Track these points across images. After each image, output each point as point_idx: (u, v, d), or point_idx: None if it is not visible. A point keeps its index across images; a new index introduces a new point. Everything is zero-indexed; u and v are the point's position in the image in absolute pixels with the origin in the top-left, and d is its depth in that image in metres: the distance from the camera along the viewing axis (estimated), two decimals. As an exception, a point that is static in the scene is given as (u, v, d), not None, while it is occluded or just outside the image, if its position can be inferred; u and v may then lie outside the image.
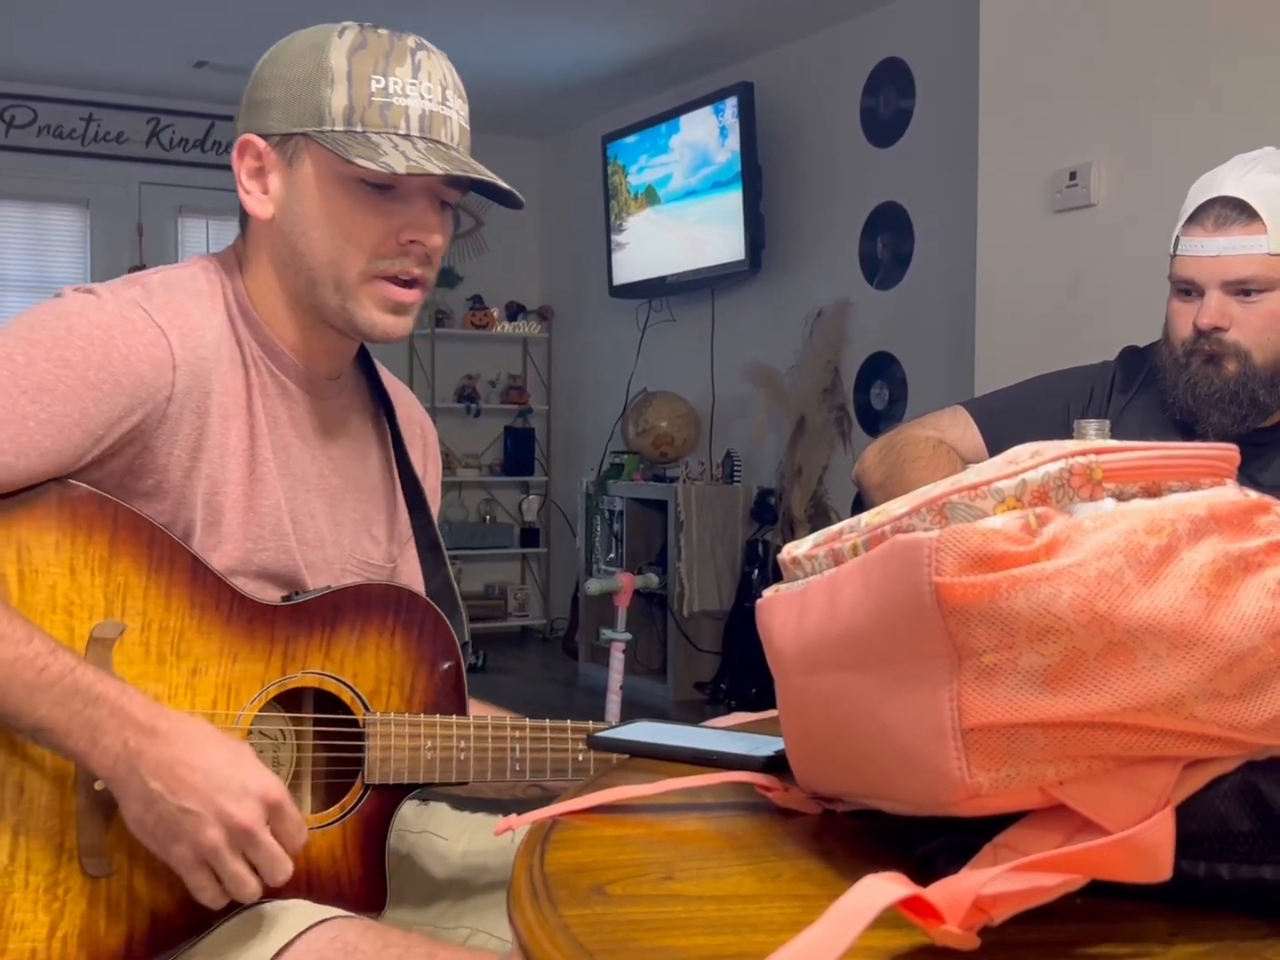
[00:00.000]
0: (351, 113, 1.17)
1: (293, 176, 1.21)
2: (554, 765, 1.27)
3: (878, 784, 0.71)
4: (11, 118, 6.13)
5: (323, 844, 1.19)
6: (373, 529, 1.35)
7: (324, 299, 1.22)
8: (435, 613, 1.27)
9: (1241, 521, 0.63)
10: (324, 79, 1.18)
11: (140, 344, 1.13)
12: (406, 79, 1.19)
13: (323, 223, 1.20)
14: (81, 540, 1.10)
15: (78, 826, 1.08)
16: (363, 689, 1.21)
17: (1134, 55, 3.08)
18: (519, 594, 6.98)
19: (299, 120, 1.19)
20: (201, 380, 1.17)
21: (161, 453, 1.15)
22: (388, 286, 1.21)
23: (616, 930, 0.65)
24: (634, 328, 6.28)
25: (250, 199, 1.23)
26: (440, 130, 1.20)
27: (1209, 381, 1.62)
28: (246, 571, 1.21)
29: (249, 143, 1.22)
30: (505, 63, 5.73)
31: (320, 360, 1.28)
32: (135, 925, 1.10)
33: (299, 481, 1.26)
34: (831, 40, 5.19)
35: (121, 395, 1.11)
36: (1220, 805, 0.63)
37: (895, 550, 0.64)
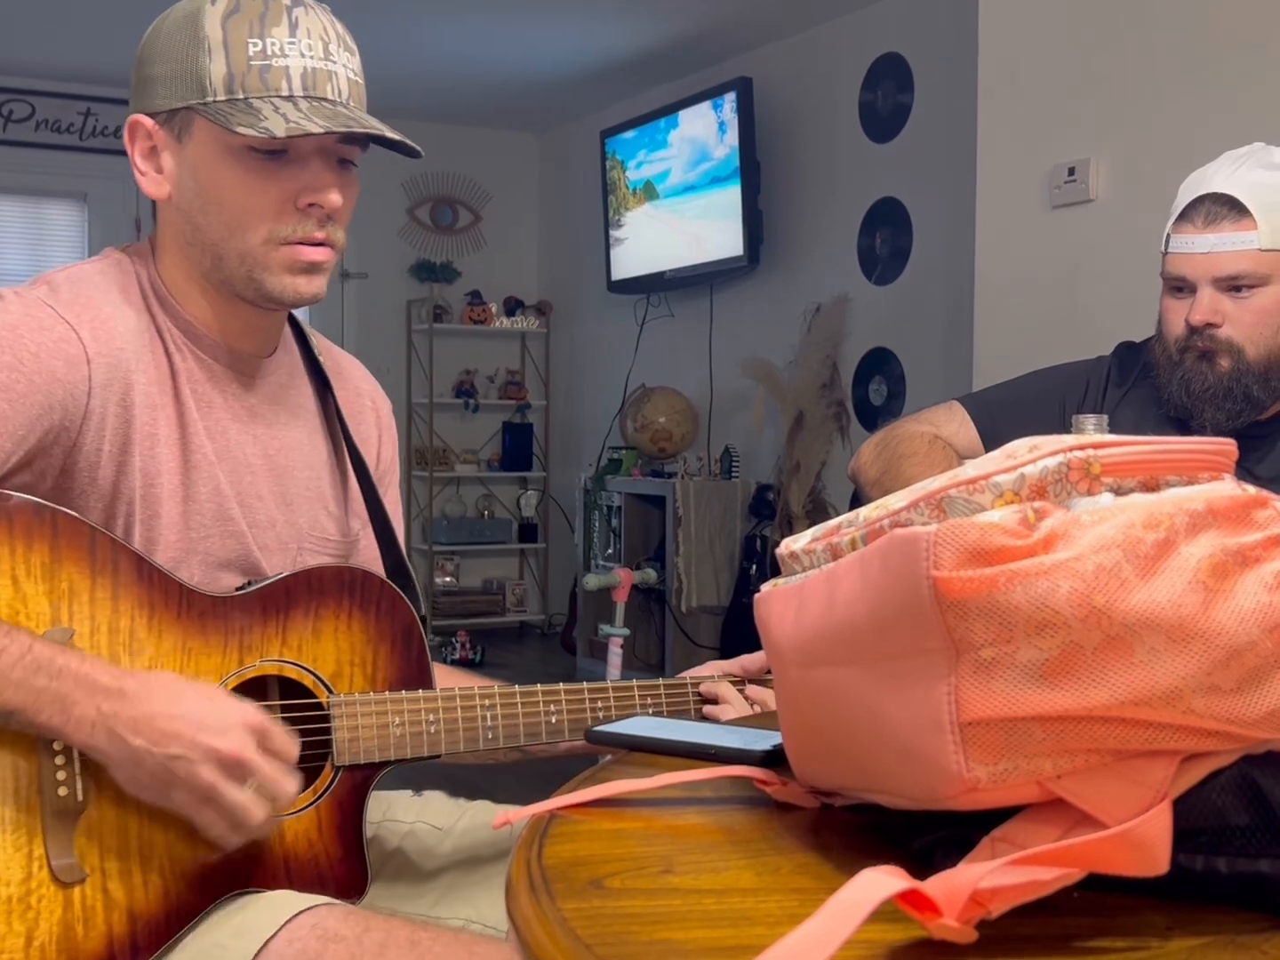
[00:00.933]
0: (232, 80, 1.15)
1: (183, 153, 1.19)
2: (527, 730, 1.27)
3: (876, 778, 0.71)
4: (9, 112, 6.13)
5: (299, 829, 1.19)
6: (328, 505, 1.34)
7: (230, 272, 1.20)
8: (391, 590, 1.26)
9: (1239, 516, 0.63)
10: (201, 49, 1.16)
11: (49, 340, 1.11)
12: (284, 38, 1.16)
13: (218, 196, 1.18)
14: (21, 549, 1.08)
15: (44, 834, 1.07)
16: (324, 672, 1.21)
17: (1133, 51, 3.08)
18: (517, 589, 6.98)
19: (182, 94, 1.17)
20: (120, 372, 1.15)
21: (90, 449, 1.14)
22: (294, 249, 1.19)
23: (614, 923, 0.65)
24: (632, 323, 6.28)
25: (146, 180, 1.22)
26: (325, 86, 1.17)
27: (1203, 378, 1.63)
28: (192, 561, 1.20)
29: (138, 123, 1.20)
30: (503, 57, 5.72)
31: (244, 338, 1.26)
32: (114, 928, 1.09)
33: (241, 464, 1.25)
34: (830, 35, 5.19)
35: (36, 394, 1.10)
36: (1218, 799, 0.64)
37: (893, 544, 0.65)
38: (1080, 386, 1.76)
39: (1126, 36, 3.09)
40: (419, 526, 6.78)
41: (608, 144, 6.17)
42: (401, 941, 1.08)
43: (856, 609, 0.68)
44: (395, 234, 6.80)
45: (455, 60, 5.73)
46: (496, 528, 6.95)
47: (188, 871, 1.13)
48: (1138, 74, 3.07)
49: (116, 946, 1.09)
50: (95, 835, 1.09)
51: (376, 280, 6.68)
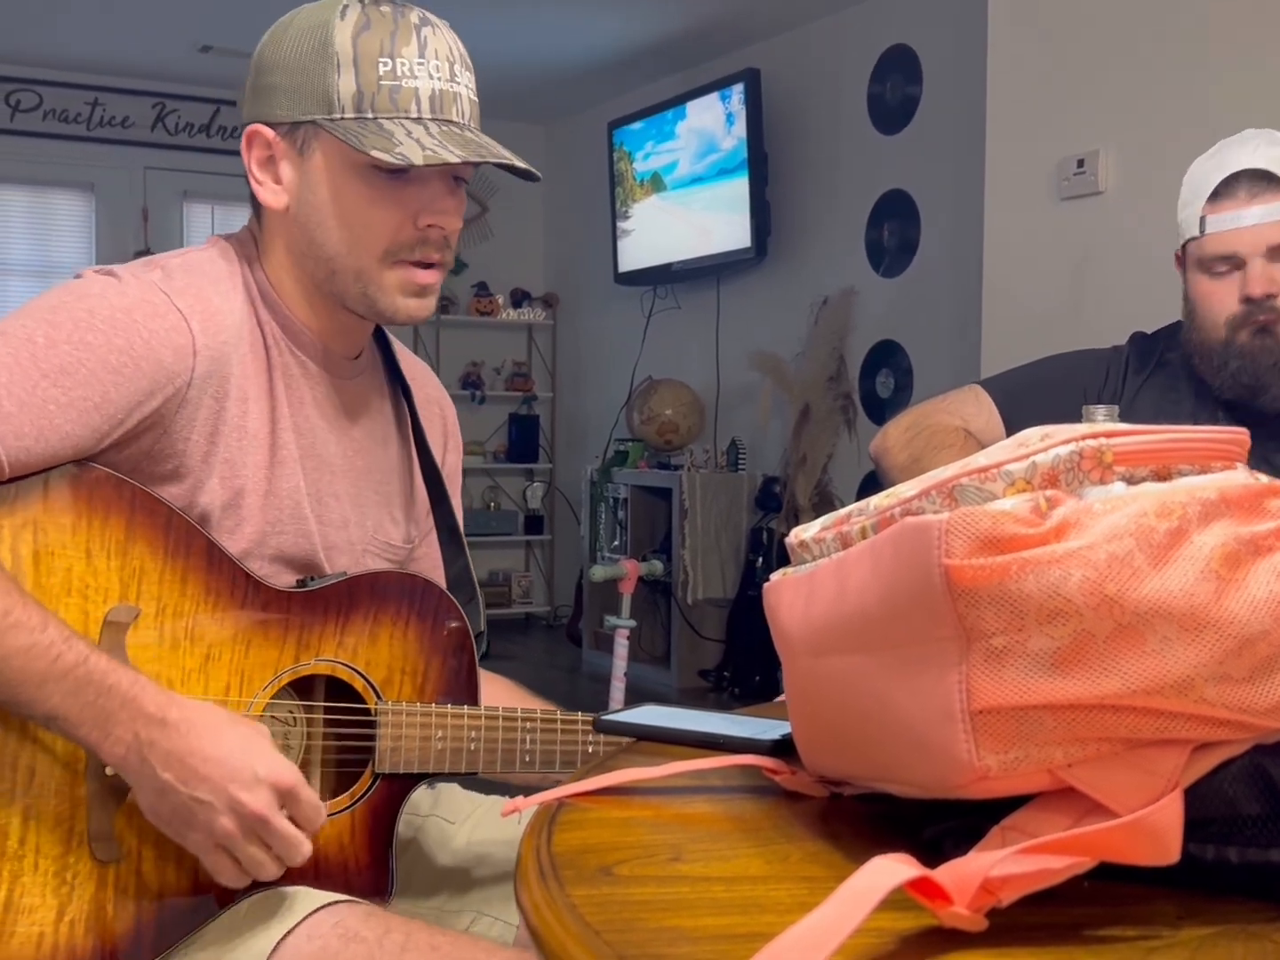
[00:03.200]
0: (361, 98, 1.15)
1: (304, 166, 1.19)
2: (564, 757, 1.27)
3: (885, 767, 0.71)
4: (17, 102, 6.13)
5: (331, 832, 1.19)
6: (394, 510, 1.35)
7: (345, 287, 1.21)
8: (450, 602, 1.27)
9: (1252, 505, 0.63)
10: (329, 63, 1.16)
11: (162, 328, 1.12)
12: (414, 58, 1.16)
13: (338, 212, 1.18)
14: (98, 523, 1.10)
15: (88, 812, 1.08)
16: (375, 677, 1.21)
17: (1142, 42, 3.07)
18: (523, 581, 6.99)
19: (307, 108, 1.17)
20: (221, 365, 1.16)
21: (179, 437, 1.15)
22: (409, 270, 1.20)
23: (624, 910, 0.65)
24: (639, 315, 6.27)
25: (263, 190, 1.21)
26: (451, 109, 1.18)
27: (1269, 352, 1.62)
28: (262, 554, 1.20)
29: (257, 132, 1.20)
30: (511, 48, 5.71)
31: (339, 340, 1.27)
32: (143, 911, 1.10)
33: (323, 463, 1.26)
34: (838, 26, 5.18)
35: (142, 379, 1.11)
36: (1229, 788, 0.63)
37: (905, 533, 0.64)
38: (1101, 372, 1.76)
39: (1135, 28, 3.08)
40: (425, 518, 6.78)
41: (615, 135, 6.16)
42: (422, 944, 1.08)
43: (867, 597, 0.68)
44: (402, 225, 6.79)
45: (463, 51, 5.72)
46: (503, 519, 6.96)
47: None
48: (1147, 66, 3.06)
49: (143, 929, 1.10)
50: (136, 817, 1.09)
51: (383, 271, 6.68)
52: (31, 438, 1.06)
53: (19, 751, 1.06)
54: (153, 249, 6.00)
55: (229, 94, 6.38)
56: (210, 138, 6.49)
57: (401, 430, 1.38)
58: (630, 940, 0.61)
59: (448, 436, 1.45)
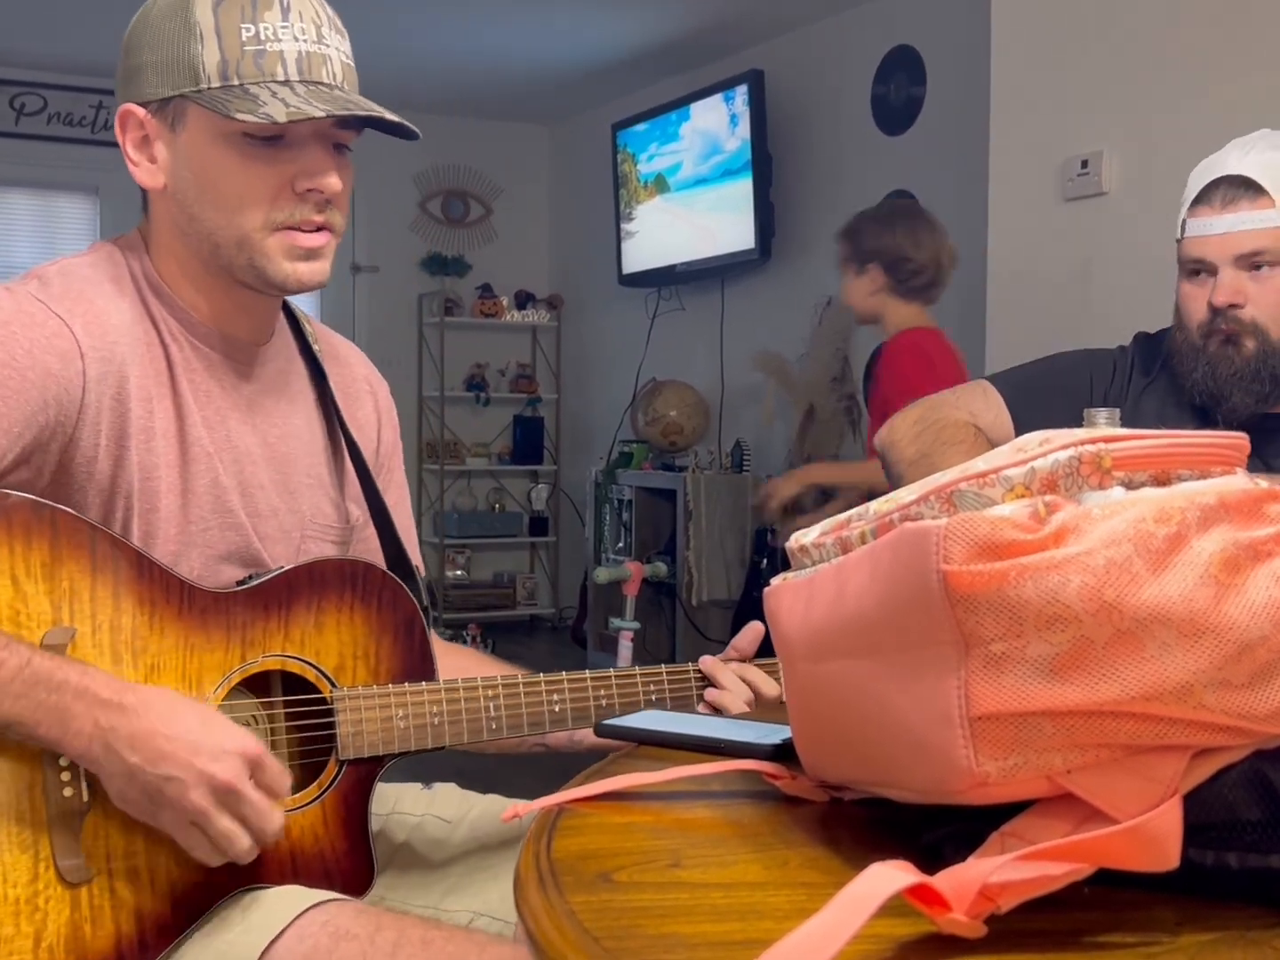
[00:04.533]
0: (225, 66, 1.14)
1: (177, 141, 1.19)
2: (530, 719, 1.26)
3: (885, 772, 0.71)
4: (21, 105, 6.14)
5: (304, 824, 1.19)
6: (329, 491, 1.33)
7: (230, 259, 1.19)
8: (393, 581, 1.25)
9: (1251, 510, 0.63)
10: (192, 36, 1.15)
11: (42, 336, 1.10)
12: (277, 22, 1.15)
13: (215, 183, 1.17)
14: (20, 548, 1.07)
15: (50, 835, 1.07)
16: (327, 666, 1.20)
17: (1146, 43, 3.06)
18: (528, 583, 6.99)
19: (174, 83, 1.16)
20: (114, 365, 1.14)
21: (87, 445, 1.13)
22: (293, 234, 1.18)
23: (623, 917, 0.65)
24: (643, 316, 6.27)
25: (139, 170, 1.21)
26: (321, 70, 1.16)
27: (1229, 361, 1.62)
28: (195, 554, 1.19)
29: (129, 112, 1.20)
30: (515, 49, 5.71)
31: (239, 325, 1.25)
32: (122, 927, 1.09)
33: (241, 454, 1.24)
34: (842, 27, 5.17)
35: (31, 390, 1.09)
36: (1228, 794, 0.63)
37: (903, 538, 0.64)
38: (1108, 371, 1.76)
39: (1140, 29, 3.08)
40: (430, 520, 6.79)
41: (619, 137, 6.16)
42: (414, 940, 1.07)
43: (866, 602, 0.68)
44: (406, 227, 6.80)
45: (466, 53, 5.73)
46: (507, 521, 6.96)
47: (194, 869, 1.12)
48: (1151, 66, 3.05)
49: (125, 945, 1.09)
50: (101, 835, 1.08)
51: (387, 274, 6.68)
52: None
53: None
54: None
55: (233, 96, 6.39)
56: (215, 140, 6.50)
57: (325, 411, 1.36)
58: (629, 947, 0.61)
59: (380, 413, 1.43)
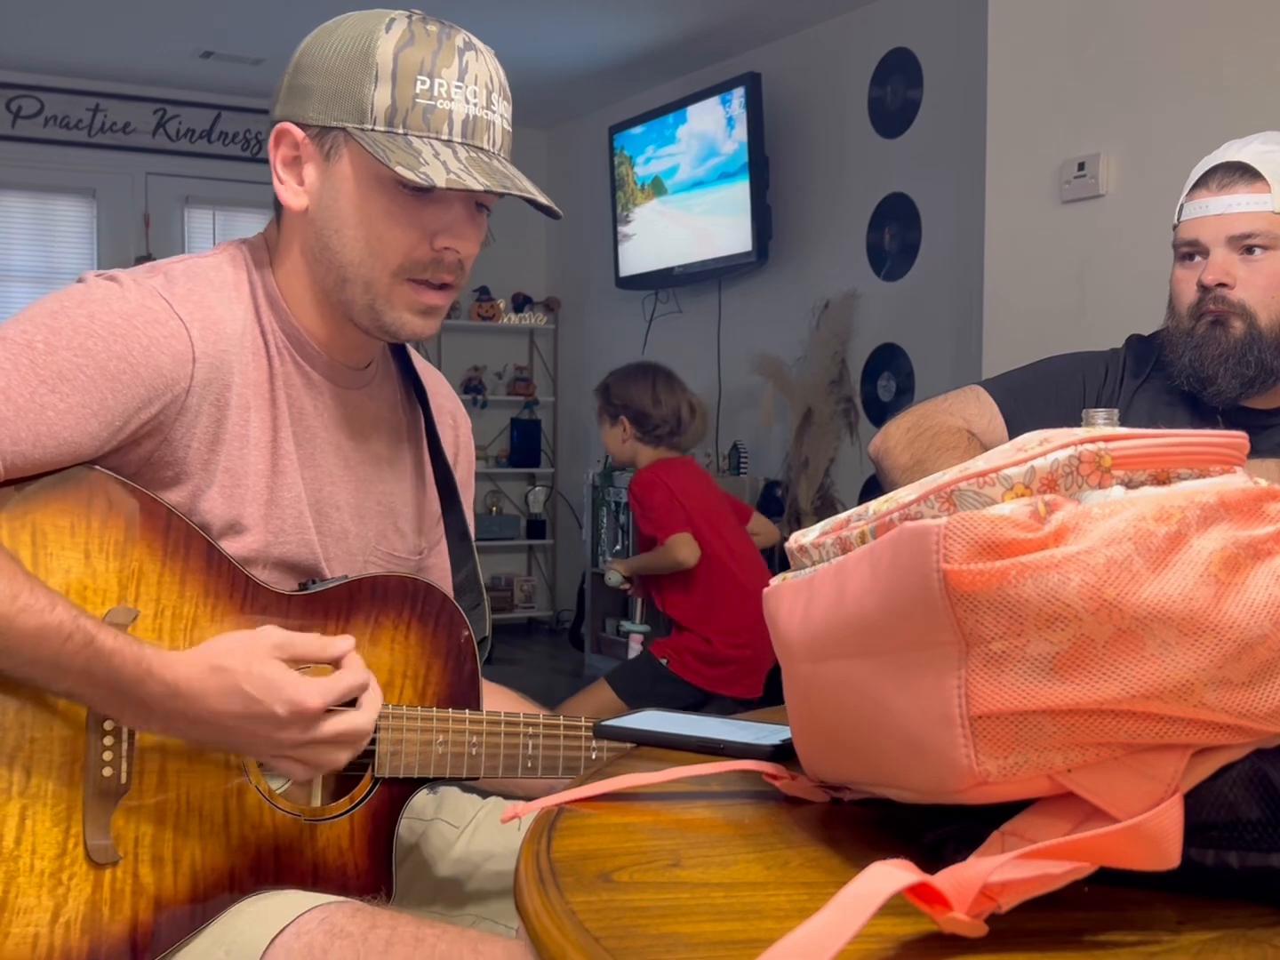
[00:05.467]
0: (394, 113, 1.15)
1: (329, 171, 1.19)
2: (566, 763, 1.27)
3: (885, 772, 0.71)
4: (18, 108, 6.13)
5: (330, 836, 1.19)
6: (399, 521, 1.34)
7: (352, 297, 1.20)
8: (452, 605, 1.26)
9: (1251, 509, 0.63)
10: (369, 74, 1.15)
11: (161, 335, 1.12)
12: (452, 81, 1.16)
13: (357, 222, 1.18)
14: (97, 525, 1.10)
15: (84, 813, 1.08)
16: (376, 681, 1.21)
17: (1142, 45, 3.07)
18: (525, 585, 6.98)
19: (340, 114, 1.16)
20: (221, 373, 1.16)
21: (180, 444, 1.15)
22: (419, 289, 1.19)
23: (623, 917, 0.65)
24: (640, 319, 6.27)
25: (284, 189, 1.21)
26: (483, 136, 1.18)
27: (1216, 342, 1.63)
28: (265, 562, 1.20)
29: (286, 131, 1.20)
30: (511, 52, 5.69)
31: (348, 350, 1.27)
32: (139, 914, 1.10)
33: (323, 473, 1.26)
34: (839, 30, 5.18)
35: (140, 387, 1.11)
36: (1229, 793, 0.63)
37: (903, 537, 0.64)
38: (1100, 374, 1.76)
39: (1137, 31, 3.08)
40: (427, 522, 6.78)
41: (616, 140, 6.17)
42: (407, 938, 1.08)
43: (866, 602, 0.68)
44: (403, 230, 6.80)
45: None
46: (505, 524, 6.96)
47: (218, 868, 1.13)
48: (1148, 69, 3.06)
49: (139, 933, 1.10)
50: (133, 820, 1.09)
51: (385, 276, 6.68)
52: (28, 443, 1.06)
53: (15, 752, 1.06)
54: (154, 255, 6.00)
55: (230, 100, 6.39)
56: (211, 143, 6.50)
57: (414, 439, 1.37)
58: (629, 947, 0.61)
59: (459, 447, 1.44)
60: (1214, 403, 1.65)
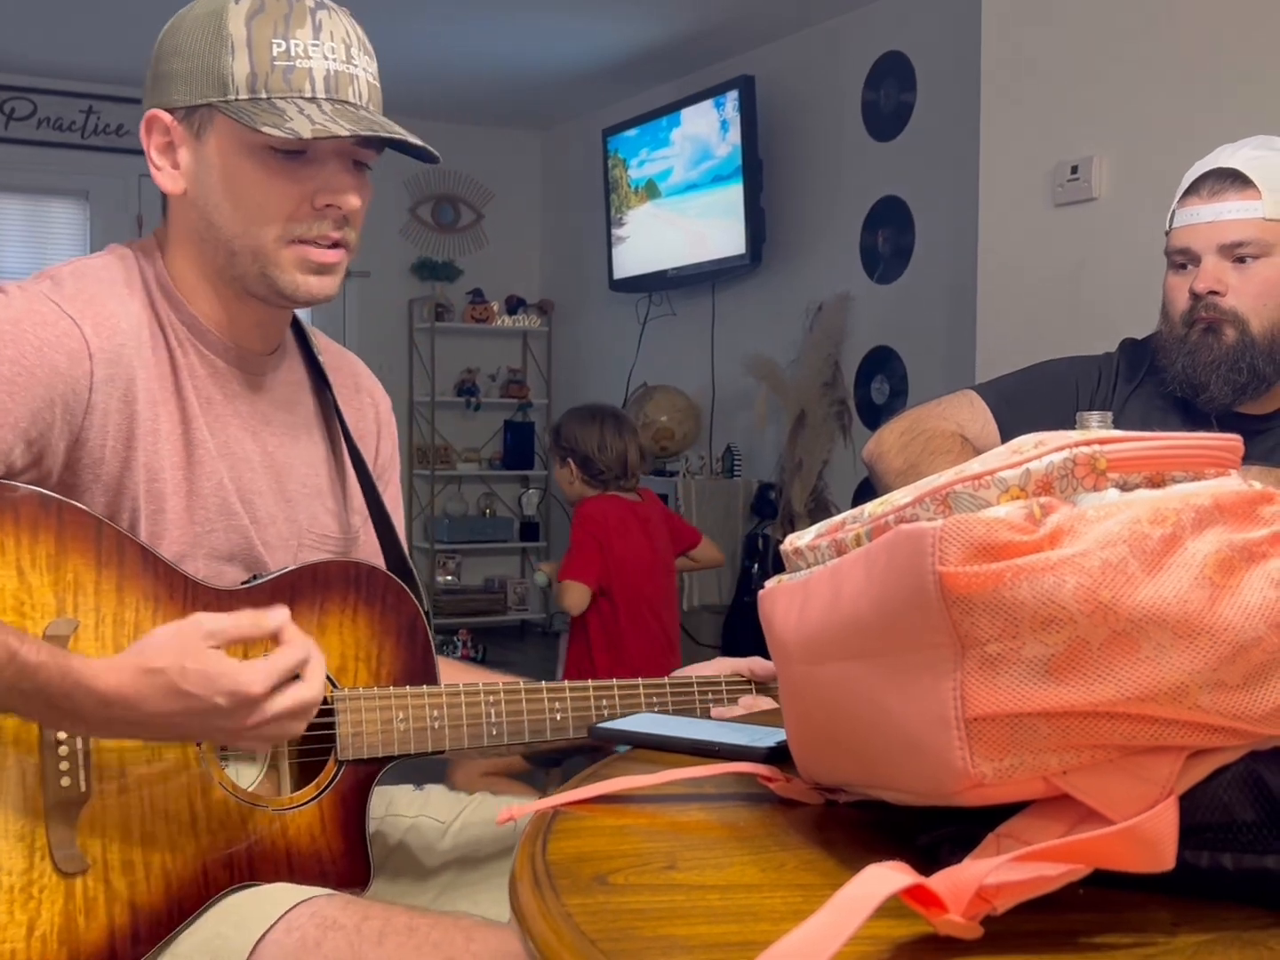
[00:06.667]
0: (255, 79, 1.16)
1: (201, 149, 1.20)
2: (531, 727, 1.27)
3: (881, 774, 0.71)
4: (11, 110, 6.12)
5: (301, 824, 1.19)
6: (326, 501, 1.34)
7: (243, 268, 1.21)
8: (396, 584, 1.26)
9: (1246, 512, 0.63)
10: (224, 47, 1.16)
11: (52, 335, 1.11)
12: (308, 40, 1.17)
13: (235, 193, 1.19)
14: (27, 540, 1.08)
15: (47, 825, 1.07)
16: (329, 667, 1.20)
17: (1136, 49, 3.07)
18: (518, 588, 6.98)
19: (202, 91, 1.18)
20: (122, 367, 1.16)
21: (94, 445, 1.14)
22: (307, 248, 1.20)
23: (619, 919, 0.65)
24: (634, 321, 6.28)
25: (161, 175, 1.22)
26: (348, 89, 1.19)
27: (1209, 349, 1.64)
28: (200, 555, 1.20)
29: (155, 118, 1.21)
30: (505, 55, 5.71)
31: (250, 335, 1.27)
32: (115, 919, 1.09)
33: (241, 460, 1.25)
34: (832, 33, 5.19)
35: (38, 387, 1.10)
36: (1224, 795, 0.63)
37: (899, 540, 0.64)
38: (1093, 378, 1.77)
39: (1130, 34, 3.09)
40: (420, 525, 6.78)
41: (610, 142, 6.17)
42: (400, 928, 1.08)
43: (861, 604, 0.68)
44: (397, 232, 6.80)
45: (457, 58, 5.73)
46: (498, 526, 6.95)
47: (190, 864, 1.13)
48: (1142, 72, 3.06)
49: (117, 938, 1.09)
50: (98, 826, 1.09)
51: (378, 279, 6.67)
52: None
53: None
54: (147, 256, 5.98)
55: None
56: (205, 145, 6.49)
57: (328, 421, 1.37)
58: (625, 949, 0.61)
59: (380, 425, 1.44)
60: (1207, 409, 1.66)
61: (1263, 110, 2.77)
